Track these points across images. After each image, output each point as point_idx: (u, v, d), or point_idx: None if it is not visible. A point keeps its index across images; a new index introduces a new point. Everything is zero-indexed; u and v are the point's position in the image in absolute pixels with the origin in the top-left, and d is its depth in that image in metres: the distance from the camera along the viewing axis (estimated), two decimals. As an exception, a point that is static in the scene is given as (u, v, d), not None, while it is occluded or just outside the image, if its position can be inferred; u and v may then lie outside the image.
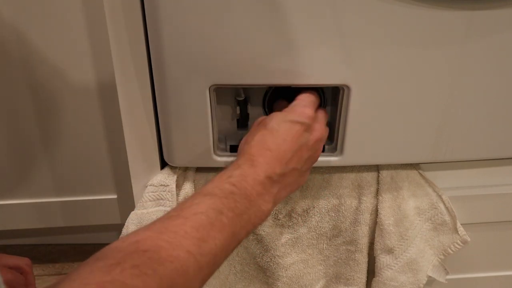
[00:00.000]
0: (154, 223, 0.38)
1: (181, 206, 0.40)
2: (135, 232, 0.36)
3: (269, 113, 0.59)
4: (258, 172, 0.43)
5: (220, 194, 0.41)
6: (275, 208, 0.63)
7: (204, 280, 0.38)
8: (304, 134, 0.48)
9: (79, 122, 0.96)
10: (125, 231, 0.61)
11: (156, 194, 0.60)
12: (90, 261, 0.33)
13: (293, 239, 0.65)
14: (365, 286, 0.68)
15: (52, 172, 1.01)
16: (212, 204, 0.40)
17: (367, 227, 0.64)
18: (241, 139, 0.60)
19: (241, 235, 0.41)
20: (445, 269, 0.67)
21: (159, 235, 0.36)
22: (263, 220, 0.44)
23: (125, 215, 0.62)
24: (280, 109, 0.51)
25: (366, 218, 0.63)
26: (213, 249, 0.38)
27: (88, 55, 0.88)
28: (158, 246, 0.35)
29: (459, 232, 0.64)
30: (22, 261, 0.61)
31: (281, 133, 0.46)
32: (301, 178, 0.49)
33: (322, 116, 0.52)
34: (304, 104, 0.50)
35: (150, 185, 0.60)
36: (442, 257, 0.66)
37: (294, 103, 0.51)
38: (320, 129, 0.50)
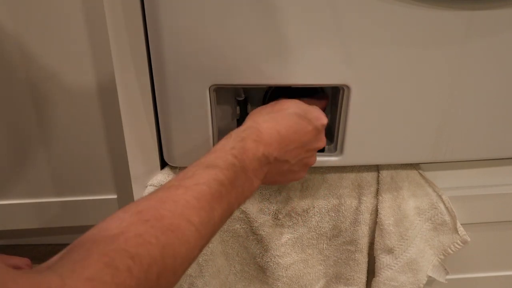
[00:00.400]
0: (155, 192, 0.38)
1: (182, 176, 0.40)
2: (136, 202, 0.37)
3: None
4: (258, 148, 0.45)
5: (222, 165, 0.41)
6: (275, 208, 0.63)
7: (202, 250, 0.39)
8: (312, 137, 0.49)
9: (79, 122, 0.96)
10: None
11: (156, 194, 0.60)
12: (92, 230, 0.34)
13: (293, 239, 0.65)
14: (365, 286, 0.68)
15: (52, 172, 1.01)
16: (214, 175, 0.40)
17: (367, 227, 0.64)
18: None
19: (234, 206, 0.42)
20: (445, 269, 0.67)
21: (160, 204, 0.36)
22: (251, 195, 0.46)
23: (125, 215, 0.62)
24: None
25: (366, 218, 0.63)
26: (212, 219, 0.38)
27: (88, 56, 0.88)
28: (160, 215, 0.35)
29: (459, 232, 0.64)
30: (22, 261, 0.61)
31: (296, 125, 0.48)
32: (289, 175, 0.50)
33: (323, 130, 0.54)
34: (319, 111, 0.51)
35: (150, 185, 0.60)
36: (442, 257, 0.66)
37: (313, 106, 0.52)
38: (324, 141, 0.52)
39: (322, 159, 0.59)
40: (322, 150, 0.59)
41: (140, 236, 0.33)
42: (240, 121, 0.60)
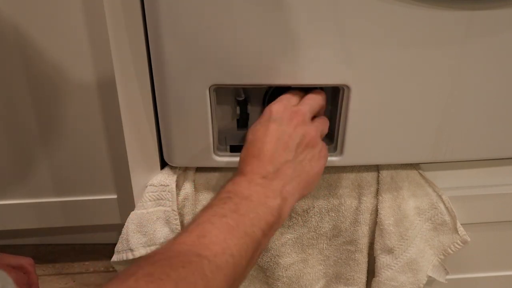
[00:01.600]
0: (163, 245, 0.39)
1: (185, 226, 0.41)
2: (146, 255, 0.38)
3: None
4: (249, 177, 0.45)
5: (219, 203, 0.42)
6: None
7: (231, 280, 0.38)
8: (280, 128, 0.48)
9: (79, 122, 0.96)
10: (125, 231, 0.61)
11: (156, 194, 0.60)
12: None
13: (293, 239, 0.65)
14: (365, 286, 0.68)
15: (52, 172, 1.01)
16: (213, 212, 0.40)
17: (367, 227, 0.64)
18: (241, 139, 0.60)
19: (257, 233, 0.41)
20: (445, 269, 0.67)
21: (167, 249, 0.37)
22: (277, 216, 0.44)
23: (125, 215, 0.62)
24: None
25: (366, 218, 0.63)
26: (227, 248, 0.38)
27: (88, 55, 0.88)
28: (168, 257, 0.36)
29: (459, 232, 0.64)
30: (25, 261, 0.61)
31: (258, 138, 0.48)
32: (305, 166, 0.49)
33: (307, 100, 0.52)
34: (271, 104, 0.50)
35: (150, 185, 0.60)
36: (442, 257, 0.66)
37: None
38: (296, 114, 0.49)
39: (322, 159, 0.59)
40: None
41: (150, 275, 0.33)
42: (240, 121, 0.60)
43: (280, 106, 0.50)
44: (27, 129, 0.96)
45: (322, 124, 0.53)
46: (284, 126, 0.48)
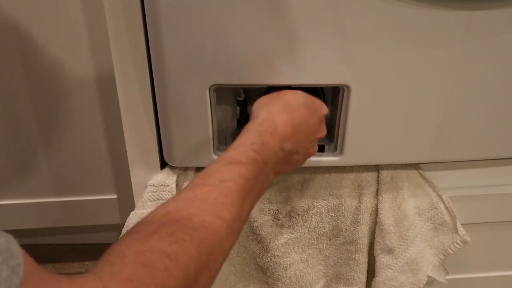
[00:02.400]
0: (181, 192, 0.38)
1: (206, 174, 0.40)
2: (164, 205, 0.37)
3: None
4: (276, 142, 0.45)
5: (246, 161, 0.42)
6: (275, 208, 0.63)
7: (233, 246, 0.39)
8: (317, 128, 0.50)
9: (79, 122, 0.95)
10: (125, 231, 0.61)
11: (156, 194, 0.60)
12: (124, 236, 0.33)
13: (293, 239, 0.65)
14: (365, 286, 0.68)
15: (52, 172, 1.01)
16: (238, 171, 0.40)
17: (367, 227, 0.64)
18: None
19: (255, 201, 0.43)
20: (445, 269, 0.67)
21: (188, 203, 0.36)
22: (268, 188, 0.46)
23: (125, 215, 0.62)
24: None
25: (366, 218, 0.63)
26: (242, 214, 0.39)
27: (88, 55, 0.88)
28: (190, 214, 0.35)
29: (459, 232, 0.64)
30: None
31: (305, 116, 0.49)
32: (293, 163, 0.50)
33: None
34: (319, 101, 0.52)
35: (150, 185, 0.60)
36: (442, 257, 0.66)
37: (312, 97, 0.52)
38: (324, 130, 0.53)
39: (322, 159, 0.59)
40: (322, 150, 0.59)
41: (173, 234, 0.33)
42: (240, 121, 0.60)
43: (326, 109, 0.52)
44: (27, 129, 0.96)
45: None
46: (319, 127, 0.51)
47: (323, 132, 0.52)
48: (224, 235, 0.36)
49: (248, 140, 0.44)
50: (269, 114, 0.47)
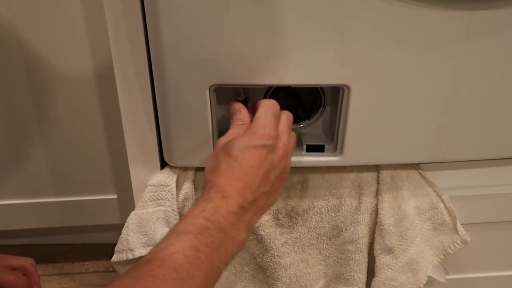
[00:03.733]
0: (131, 269, 0.37)
1: (156, 249, 0.39)
2: (113, 283, 0.36)
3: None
4: (230, 203, 0.43)
5: (195, 230, 0.40)
6: (275, 208, 0.63)
7: None
8: (269, 157, 0.46)
9: (79, 122, 0.96)
10: (125, 231, 0.61)
11: (156, 194, 0.60)
12: None
13: (293, 239, 0.65)
14: (365, 286, 0.68)
15: (52, 172, 1.01)
16: (188, 242, 0.39)
17: (367, 227, 0.64)
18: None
19: (220, 268, 0.41)
20: (445, 269, 0.67)
21: (136, 281, 0.35)
22: (240, 249, 0.43)
23: (125, 215, 0.62)
24: (254, 111, 0.50)
25: (366, 218, 0.63)
26: (193, 286, 0.37)
27: (88, 55, 0.88)
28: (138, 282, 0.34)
29: (459, 232, 0.64)
30: (26, 261, 0.61)
31: (246, 161, 0.45)
32: (271, 198, 0.48)
33: (284, 125, 0.49)
34: (264, 123, 0.47)
35: (150, 185, 0.60)
36: (442, 257, 0.66)
37: (254, 123, 0.48)
38: (283, 146, 0.48)
39: (322, 159, 0.59)
40: (322, 150, 0.59)
41: None
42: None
43: (272, 128, 0.47)
44: (27, 129, 0.96)
45: (292, 143, 0.51)
46: (273, 155, 0.46)
47: (280, 151, 0.47)
48: None
49: (198, 208, 0.42)
50: (213, 181, 0.44)
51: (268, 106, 0.49)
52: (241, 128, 0.49)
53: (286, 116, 0.51)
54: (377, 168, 0.62)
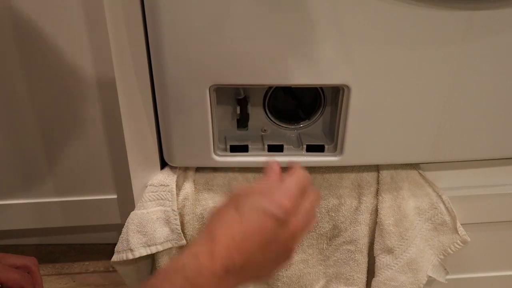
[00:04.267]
0: None
1: None
2: None
3: (270, 113, 0.60)
4: (215, 263, 0.39)
5: None
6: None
7: None
8: (276, 230, 0.42)
9: (79, 122, 0.96)
10: (125, 231, 0.61)
11: (156, 194, 0.60)
12: None
13: (293, 239, 0.65)
14: (365, 286, 0.68)
15: (52, 172, 1.01)
16: None
17: (367, 227, 0.64)
18: (241, 139, 0.59)
19: None
20: (445, 269, 0.67)
21: None
22: None
23: (125, 215, 0.62)
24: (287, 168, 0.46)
25: (366, 218, 0.63)
26: None
27: (88, 55, 0.88)
28: None
29: (459, 232, 0.64)
30: (29, 260, 0.61)
31: (250, 223, 0.41)
32: (261, 272, 0.43)
33: (308, 205, 0.45)
34: (286, 193, 0.43)
35: (150, 185, 0.60)
36: (442, 257, 0.66)
37: (277, 187, 0.44)
38: (295, 226, 0.43)
39: (322, 159, 0.59)
40: (322, 150, 0.59)
41: None
42: (240, 121, 0.60)
43: (292, 202, 0.43)
44: (27, 129, 0.96)
45: (307, 224, 0.45)
46: (280, 230, 0.42)
47: (291, 229, 0.42)
48: None
49: (180, 262, 0.39)
50: (209, 232, 0.41)
51: (299, 177, 0.44)
52: (263, 186, 0.45)
53: (314, 197, 0.46)
54: (377, 168, 0.62)
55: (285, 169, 0.45)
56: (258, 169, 0.61)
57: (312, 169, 0.62)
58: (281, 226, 0.42)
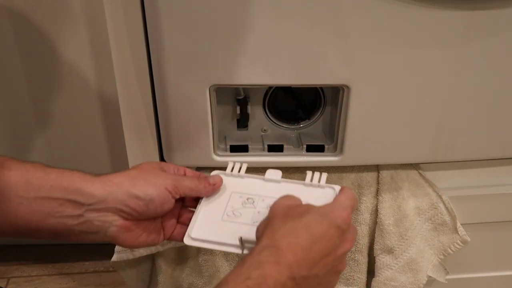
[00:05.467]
0: None
1: None
2: None
3: (270, 113, 0.60)
4: (281, 272, 0.37)
5: None
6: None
7: None
8: (337, 240, 0.41)
9: (79, 122, 0.96)
10: (125, 231, 0.61)
11: (156, 194, 0.60)
12: None
13: (293, 239, 0.65)
14: (365, 286, 0.68)
15: (52, 172, 1.01)
16: None
17: (367, 227, 0.64)
18: (241, 139, 0.59)
19: None
20: (445, 269, 0.67)
21: None
22: None
23: (125, 215, 0.62)
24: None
25: (366, 218, 0.63)
26: None
27: (88, 55, 0.88)
28: None
29: (459, 232, 0.64)
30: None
31: (317, 231, 0.40)
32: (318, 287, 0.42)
33: (354, 229, 0.45)
34: (344, 207, 0.43)
35: (150, 185, 0.60)
36: (442, 257, 0.66)
37: (332, 204, 0.44)
38: (351, 241, 0.43)
39: (322, 159, 0.59)
40: (322, 150, 0.59)
41: None
42: (240, 121, 0.60)
43: (350, 216, 0.43)
44: (27, 129, 0.96)
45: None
46: (340, 242, 0.42)
47: (347, 244, 0.42)
48: None
49: (242, 274, 0.37)
50: (272, 239, 0.39)
51: (351, 196, 0.45)
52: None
53: (354, 227, 0.46)
54: (377, 168, 0.62)
55: (286, 169, 0.46)
56: (258, 169, 0.61)
57: (312, 169, 0.62)
58: (341, 237, 0.41)
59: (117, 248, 0.62)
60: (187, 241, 0.45)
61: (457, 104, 0.55)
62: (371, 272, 0.68)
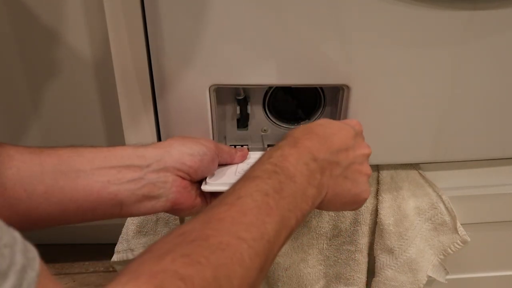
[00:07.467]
0: (198, 215, 0.35)
1: (224, 195, 0.37)
2: (179, 226, 0.34)
3: (270, 113, 0.60)
4: (301, 152, 0.40)
5: (263, 175, 0.38)
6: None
7: (263, 270, 0.35)
8: (352, 141, 0.44)
9: (79, 122, 0.96)
10: (125, 231, 0.61)
11: (156, 194, 0.60)
12: (138, 256, 0.31)
13: (293, 239, 0.65)
14: (365, 286, 0.68)
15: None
16: (256, 186, 0.36)
17: (367, 227, 0.64)
18: (241, 139, 0.59)
19: (291, 221, 0.38)
20: (445, 269, 0.67)
21: (204, 224, 0.33)
22: (310, 208, 0.40)
23: (125, 215, 0.62)
24: None
25: (366, 218, 0.63)
26: (265, 233, 0.35)
27: (88, 55, 0.88)
28: (206, 235, 0.32)
29: (459, 232, 0.64)
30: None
31: (331, 127, 0.44)
32: (349, 184, 0.44)
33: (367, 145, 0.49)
34: (355, 122, 0.49)
35: (150, 185, 0.60)
36: (442, 257, 0.66)
37: (345, 120, 0.50)
38: (368, 148, 0.47)
39: (322, 159, 0.58)
40: None
41: (187, 256, 0.30)
42: (240, 121, 0.60)
43: (361, 126, 0.48)
44: (28, 129, 0.96)
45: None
46: (357, 139, 0.45)
47: (365, 149, 0.46)
48: (246, 257, 0.32)
49: (265, 156, 0.40)
50: (289, 134, 0.43)
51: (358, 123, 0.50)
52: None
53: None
54: (377, 168, 0.62)
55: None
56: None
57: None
58: (356, 138, 0.45)
59: (117, 248, 0.62)
60: (204, 187, 0.47)
61: (457, 104, 0.55)
62: (371, 272, 0.68)
